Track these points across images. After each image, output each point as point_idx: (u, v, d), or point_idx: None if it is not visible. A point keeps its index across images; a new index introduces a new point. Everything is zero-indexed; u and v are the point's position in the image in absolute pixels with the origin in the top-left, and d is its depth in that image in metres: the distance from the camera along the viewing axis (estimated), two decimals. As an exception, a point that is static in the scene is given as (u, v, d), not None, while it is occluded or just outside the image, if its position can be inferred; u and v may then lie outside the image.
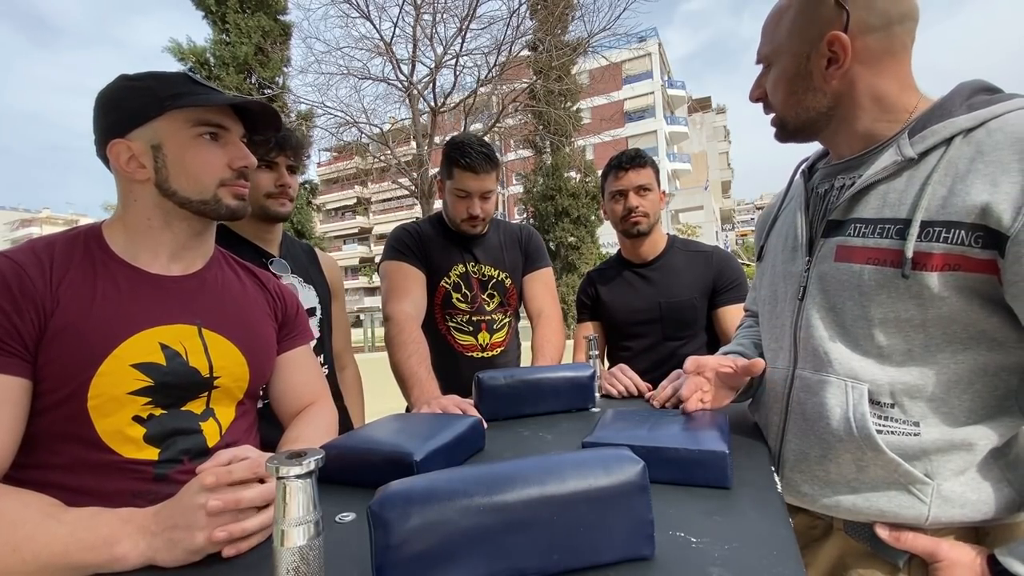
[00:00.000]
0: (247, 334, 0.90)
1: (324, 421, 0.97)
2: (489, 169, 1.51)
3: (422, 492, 0.46)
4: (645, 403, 1.22)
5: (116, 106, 0.80)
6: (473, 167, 1.48)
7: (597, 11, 11.98)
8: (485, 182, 1.52)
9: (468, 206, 1.53)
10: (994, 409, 0.68)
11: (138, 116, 0.79)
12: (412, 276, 1.53)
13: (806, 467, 0.79)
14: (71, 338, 0.72)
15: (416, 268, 1.54)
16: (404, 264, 1.53)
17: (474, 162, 1.48)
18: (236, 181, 0.85)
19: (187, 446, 0.80)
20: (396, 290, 1.50)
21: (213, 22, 12.24)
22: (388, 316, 1.45)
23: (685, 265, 1.65)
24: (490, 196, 1.56)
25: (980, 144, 0.64)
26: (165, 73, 0.82)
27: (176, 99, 0.78)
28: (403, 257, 1.54)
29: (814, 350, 0.78)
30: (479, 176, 1.50)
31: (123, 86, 0.81)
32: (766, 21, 0.83)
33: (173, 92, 0.79)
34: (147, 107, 0.79)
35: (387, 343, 1.43)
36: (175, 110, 0.79)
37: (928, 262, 0.65)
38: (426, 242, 1.59)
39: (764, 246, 0.99)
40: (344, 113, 11.42)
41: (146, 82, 0.80)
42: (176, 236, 0.84)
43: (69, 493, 0.63)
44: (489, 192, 1.55)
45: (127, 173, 0.80)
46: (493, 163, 1.53)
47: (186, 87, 0.81)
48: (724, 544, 0.54)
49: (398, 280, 1.51)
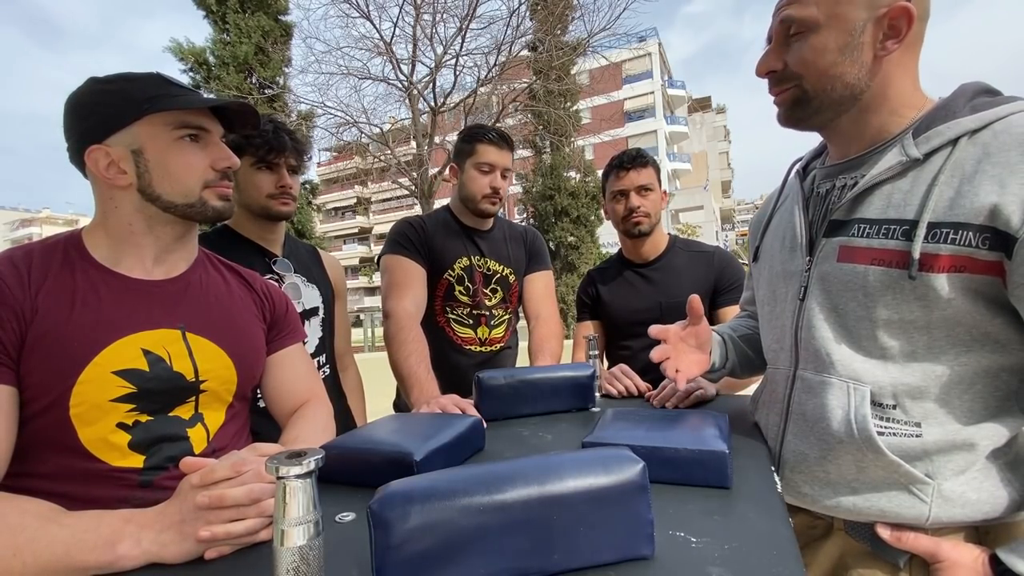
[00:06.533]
0: (233, 336, 0.89)
1: (321, 419, 0.96)
2: (509, 147, 1.62)
3: (422, 492, 0.46)
4: (645, 403, 1.22)
5: (91, 111, 0.79)
6: (496, 141, 1.58)
7: (597, 11, 12.00)
8: (506, 158, 1.61)
9: (491, 180, 1.58)
10: (995, 409, 0.68)
11: (115, 120, 0.77)
12: (413, 272, 1.53)
13: (806, 468, 0.79)
14: (51, 346, 0.71)
15: (417, 263, 1.54)
16: (405, 259, 1.53)
17: (497, 138, 1.59)
18: (220, 182, 0.84)
19: (173, 453, 0.79)
20: (397, 286, 1.49)
21: (214, 22, 12.24)
22: (388, 313, 1.45)
23: (686, 265, 1.64)
24: (508, 176, 1.63)
25: (986, 145, 0.64)
26: (138, 74, 0.80)
27: (155, 102, 0.77)
28: (404, 251, 1.54)
29: (816, 351, 0.78)
30: (502, 150, 1.59)
31: (95, 89, 0.79)
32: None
33: (150, 95, 0.77)
34: (124, 111, 0.77)
35: (386, 340, 1.43)
36: (154, 113, 0.77)
37: (935, 263, 0.65)
38: (430, 235, 1.60)
39: (760, 247, 0.99)
40: (344, 113, 11.41)
41: (119, 85, 0.79)
42: (159, 240, 0.83)
43: (56, 500, 0.63)
44: (508, 170, 1.63)
45: (107, 179, 0.78)
46: (511, 143, 1.64)
47: (162, 88, 0.79)
48: (724, 544, 0.54)
49: (399, 276, 1.51)
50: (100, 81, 0.79)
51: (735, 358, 1.06)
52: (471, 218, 1.66)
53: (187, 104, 0.79)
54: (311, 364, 1.07)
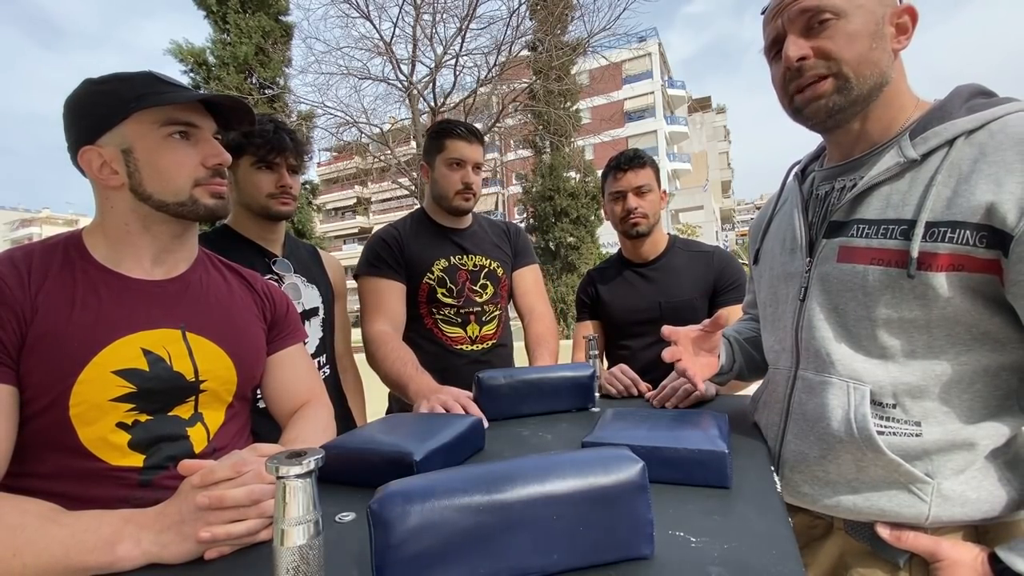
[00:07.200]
0: (233, 336, 0.89)
1: (321, 419, 0.96)
2: (479, 140, 1.59)
3: (422, 492, 0.46)
4: (645, 403, 1.22)
5: (84, 112, 0.79)
6: (465, 136, 1.56)
7: (597, 11, 12.02)
8: (476, 152, 1.58)
9: (463, 175, 1.55)
10: (995, 409, 0.69)
11: (105, 121, 0.77)
12: (387, 291, 1.51)
13: (805, 467, 0.79)
14: (51, 346, 0.71)
15: (393, 279, 1.53)
16: (379, 280, 1.52)
17: (466, 132, 1.56)
18: (211, 179, 0.83)
19: (173, 452, 0.79)
20: (372, 310, 1.49)
21: (214, 22, 12.23)
22: (366, 338, 1.45)
23: (686, 265, 1.64)
24: (480, 171, 1.61)
25: (983, 145, 0.65)
26: (130, 74, 0.80)
27: (141, 100, 0.76)
28: (377, 271, 1.53)
29: (816, 351, 0.78)
30: (471, 144, 1.56)
31: (89, 91, 0.79)
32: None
33: (138, 93, 0.77)
34: (113, 111, 0.77)
35: (370, 361, 1.44)
36: (141, 111, 0.77)
37: (933, 262, 0.66)
38: (405, 243, 1.57)
39: (760, 249, 0.99)
40: (344, 113, 11.42)
41: (111, 85, 0.78)
42: (156, 240, 0.83)
43: (55, 500, 0.63)
44: (480, 165, 1.60)
45: (101, 180, 0.79)
46: (481, 136, 1.61)
47: (152, 87, 0.78)
48: (724, 544, 0.54)
49: (373, 300, 1.51)
50: (95, 82, 0.79)
51: (741, 360, 1.07)
52: (447, 217, 1.63)
53: (173, 100, 0.78)
54: (312, 364, 1.07)
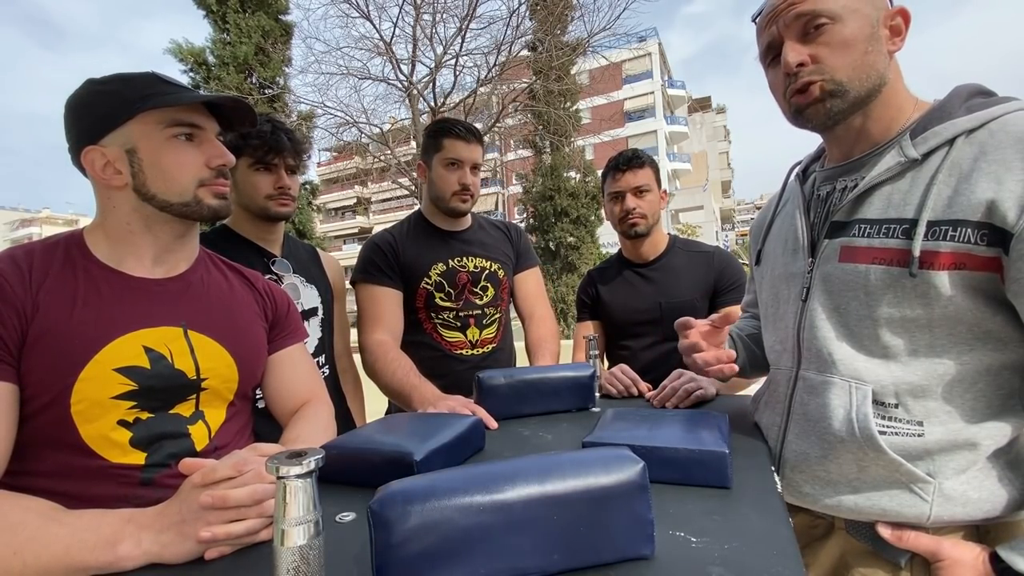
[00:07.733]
0: (235, 335, 0.89)
1: (322, 419, 0.96)
2: (478, 140, 1.55)
3: (422, 492, 0.46)
4: (645, 403, 1.22)
5: (87, 112, 0.79)
6: (463, 135, 1.51)
7: (597, 11, 11.95)
8: (475, 152, 1.54)
9: (460, 176, 1.51)
10: (998, 408, 0.69)
11: (109, 121, 0.77)
12: (383, 299, 1.49)
13: (806, 467, 0.79)
14: (52, 344, 0.71)
15: (389, 287, 1.50)
16: (375, 287, 1.49)
17: (464, 131, 1.52)
18: (215, 180, 0.84)
19: (174, 450, 0.79)
20: (369, 319, 1.47)
21: (214, 21, 12.22)
22: (363, 347, 1.43)
23: (686, 265, 1.64)
24: (478, 171, 1.57)
25: (983, 144, 0.65)
26: (133, 74, 0.80)
27: (145, 100, 0.77)
28: (373, 279, 1.50)
29: (818, 351, 0.78)
30: (469, 144, 1.52)
31: (91, 91, 0.79)
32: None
33: (142, 93, 0.77)
34: (117, 111, 0.77)
35: (368, 372, 1.42)
36: (146, 112, 0.77)
37: (935, 261, 0.66)
38: (402, 249, 1.53)
39: (761, 250, 0.99)
40: (344, 113, 11.42)
41: (114, 85, 0.79)
42: (158, 239, 0.83)
43: (55, 499, 0.63)
44: (478, 165, 1.56)
45: (103, 180, 0.79)
46: (480, 136, 1.56)
47: (155, 87, 0.79)
48: (724, 544, 0.54)
49: (370, 308, 1.49)
50: (96, 83, 0.80)
51: (745, 355, 1.07)
52: (444, 219, 1.59)
53: (177, 101, 0.79)
54: (312, 364, 1.07)
